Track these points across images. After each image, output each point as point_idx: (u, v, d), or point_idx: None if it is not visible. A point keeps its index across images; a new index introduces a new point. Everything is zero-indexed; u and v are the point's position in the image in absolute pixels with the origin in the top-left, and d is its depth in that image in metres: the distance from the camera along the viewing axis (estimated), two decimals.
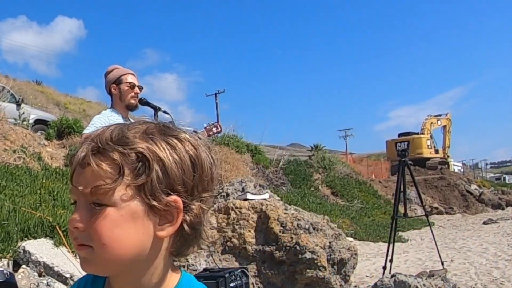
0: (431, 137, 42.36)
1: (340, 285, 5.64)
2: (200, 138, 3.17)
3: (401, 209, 7.52)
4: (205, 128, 4.15)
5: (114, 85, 3.81)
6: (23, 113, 12.75)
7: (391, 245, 7.09)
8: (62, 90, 51.54)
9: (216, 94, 42.50)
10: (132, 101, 3.81)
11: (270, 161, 20.72)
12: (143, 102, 3.82)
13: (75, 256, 6.06)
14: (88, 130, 3.53)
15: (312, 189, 20.57)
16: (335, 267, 5.64)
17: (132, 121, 3.83)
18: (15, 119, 12.23)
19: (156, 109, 3.80)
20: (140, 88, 3.87)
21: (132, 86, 3.81)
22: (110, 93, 3.85)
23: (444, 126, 45.38)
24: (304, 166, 23.43)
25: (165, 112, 3.84)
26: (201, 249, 5.51)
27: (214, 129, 4.19)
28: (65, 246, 6.02)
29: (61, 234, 6.09)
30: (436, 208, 25.08)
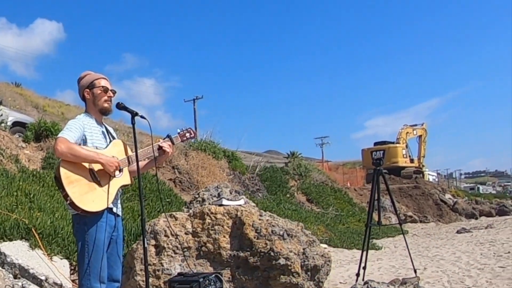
0: (406, 146, 42.80)
1: None
2: (173, 143, 3.20)
3: (375, 217, 7.58)
4: (178, 133, 4.17)
5: (88, 90, 3.82)
6: (1, 115, 12.63)
7: (364, 253, 7.13)
8: (41, 92, 50.96)
9: (194, 100, 42.56)
10: (106, 105, 3.83)
11: (246, 168, 20.77)
12: (121, 107, 3.82)
13: (51, 258, 6.04)
14: (63, 134, 3.54)
15: (288, 195, 20.66)
16: (309, 273, 5.68)
17: (106, 125, 3.84)
18: None
19: (133, 114, 3.81)
20: (113, 92, 3.89)
21: (105, 90, 3.82)
22: (83, 98, 3.86)
23: (420, 136, 45.88)
24: (280, 173, 23.54)
25: (142, 117, 3.85)
26: (176, 253, 5.53)
27: (187, 134, 4.21)
28: (41, 249, 6.01)
29: (37, 236, 6.08)
30: (410, 216, 25.36)
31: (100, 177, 3.62)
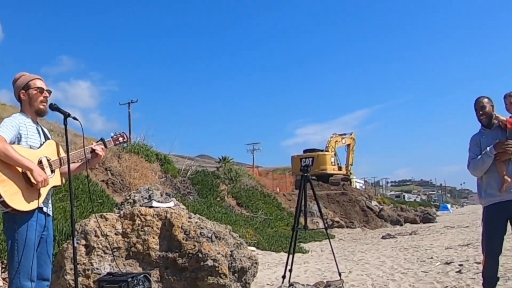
0: (335, 154, 43.75)
1: None
2: (106, 147, 3.32)
3: (302, 221, 7.73)
4: (112, 137, 4.24)
5: (23, 91, 3.83)
6: None
7: (291, 256, 7.26)
8: None
9: (129, 103, 42.15)
10: (41, 107, 3.85)
11: (178, 171, 20.77)
12: (54, 108, 3.86)
13: None
14: None
15: (218, 199, 20.79)
16: (236, 274, 5.83)
17: (42, 126, 3.88)
18: None
19: (66, 115, 3.85)
20: (49, 92, 3.92)
21: (41, 91, 3.85)
22: (19, 99, 3.87)
23: (348, 145, 47.02)
24: (212, 177, 23.65)
25: (74, 118, 3.89)
26: (106, 253, 5.57)
27: (120, 138, 4.29)
28: None
29: None
30: (337, 221, 25.92)
31: (32, 177, 3.65)
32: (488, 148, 4.74)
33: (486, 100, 4.93)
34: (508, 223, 4.81)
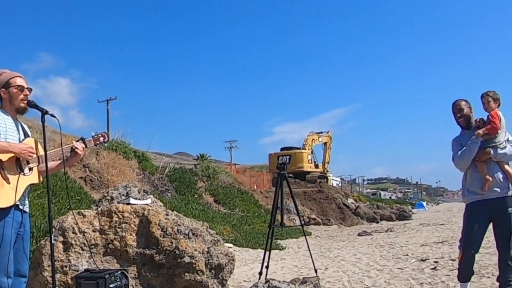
0: (312, 152, 43.94)
1: None
2: (86, 146, 3.37)
3: (279, 218, 7.79)
4: (93, 137, 4.27)
5: (3, 89, 3.85)
6: None
7: (267, 252, 7.31)
8: None
9: (108, 100, 41.99)
10: (22, 105, 3.87)
11: (156, 168, 20.77)
12: (31, 105, 3.88)
13: None
14: None
15: (196, 196, 20.83)
16: (213, 271, 5.87)
17: (22, 123, 3.89)
18: None
19: (43, 112, 3.87)
20: (29, 90, 3.94)
21: (21, 89, 3.87)
22: (0, 97, 3.89)
23: (325, 143, 47.25)
24: (189, 174, 23.68)
25: (52, 115, 3.91)
26: (83, 250, 5.59)
27: (101, 138, 4.31)
28: None
29: None
30: (314, 219, 26.08)
31: (9, 174, 3.67)
32: (473, 137, 4.86)
33: (463, 102, 5.04)
34: (489, 222, 4.93)
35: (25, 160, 3.78)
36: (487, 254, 8.62)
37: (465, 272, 5.01)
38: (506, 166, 4.91)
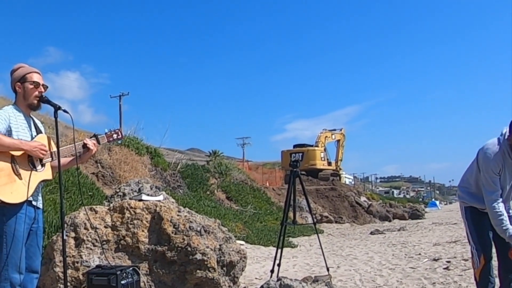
0: (324, 150, 43.81)
1: (229, 286, 5.85)
2: (99, 143, 3.33)
3: (291, 216, 7.76)
4: (106, 133, 4.25)
5: (19, 83, 3.84)
6: None
7: (279, 250, 7.30)
8: None
9: (120, 96, 42.22)
10: (34, 101, 3.85)
11: (168, 164, 20.76)
12: (44, 100, 3.87)
13: None
14: None
15: (208, 193, 20.82)
16: (225, 268, 5.85)
17: (35, 119, 3.88)
18: None
19: (56, 108, 3.86)
20: (45, 87, 3.92)
21: (36, 85, 3.85)
22: (15, 91, 3.88)
23: (338, 141, 47.08)
24: (202, 170, 23.68)
25: (65, 111, 3.90)
26: (95, 246, 5.59)
27: (115, 135, 4.29)
28: None
29: None
30: (326, 216, 25.97)
31: (21, 170, 3.67)
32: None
33: None
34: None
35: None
36: None
37: (487, 278, 4.50)
38: None
